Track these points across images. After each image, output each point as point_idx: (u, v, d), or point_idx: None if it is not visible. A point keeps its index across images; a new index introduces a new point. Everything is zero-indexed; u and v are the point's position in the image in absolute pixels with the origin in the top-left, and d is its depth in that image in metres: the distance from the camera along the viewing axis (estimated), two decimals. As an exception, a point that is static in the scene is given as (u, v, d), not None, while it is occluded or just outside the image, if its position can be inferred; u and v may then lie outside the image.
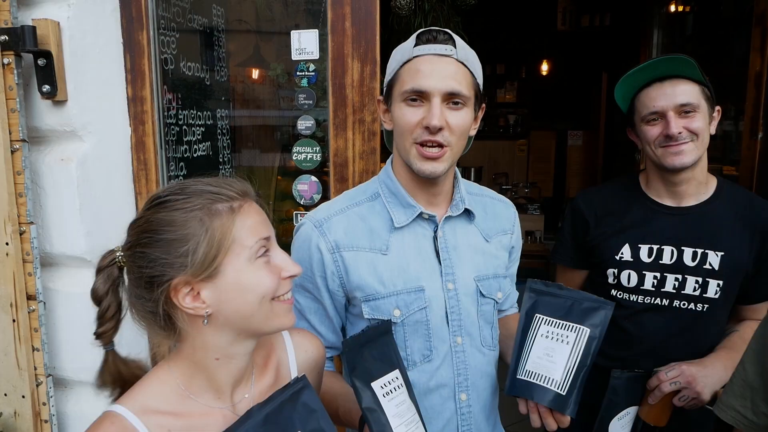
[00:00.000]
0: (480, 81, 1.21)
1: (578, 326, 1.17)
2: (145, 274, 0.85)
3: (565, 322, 1.19)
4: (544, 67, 7.05)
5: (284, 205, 1.96)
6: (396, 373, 1.08)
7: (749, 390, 1.06)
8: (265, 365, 1.00)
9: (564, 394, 1.13)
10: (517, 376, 1.18)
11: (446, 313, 1.21)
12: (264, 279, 0.87)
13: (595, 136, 6.68)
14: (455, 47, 1.15)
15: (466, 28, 6.24)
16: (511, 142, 7.48)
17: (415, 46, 1.16)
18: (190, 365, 0.90)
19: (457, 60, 1.14)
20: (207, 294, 0.85)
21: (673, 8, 3.87)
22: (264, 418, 0.84)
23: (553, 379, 1.15)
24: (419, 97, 1.14)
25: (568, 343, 1.17)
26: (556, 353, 1.17)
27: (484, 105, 1.25)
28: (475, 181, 6.62)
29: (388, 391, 1.04)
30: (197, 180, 0.89)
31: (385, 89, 1.24)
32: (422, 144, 1.15)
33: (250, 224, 0.87)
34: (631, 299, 1.54)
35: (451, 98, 1.14)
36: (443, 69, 1.13)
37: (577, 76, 6.77)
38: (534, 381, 1.16)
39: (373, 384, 1.03)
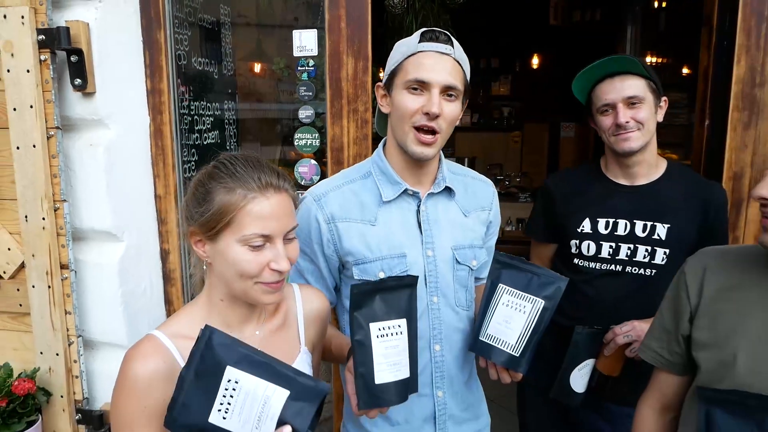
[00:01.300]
0: (468, 78, 1.37)
1: (535, 298, 1.30)
2: (185, 208, 1.08)
3: (524, 293, 1.31)
4: (538, 61, 7.24)
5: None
6: (401, 321, 1.20)
7: (665, 333, 1.25)
8: (275, 310, 1.20)
9: (517, 356, 1.29)
10: (480, 338, 1.34)
11: (425, 276, 1.37)
12: (244, 263, 1.02)
13: (586, 128, 6.86)
14: (453, 47, 1.31)
15: (461, 24, 6.42)
16: (505, 134, 7.67)
17: (419, 42, 1.30)
18: (208, 304, 1.11)
19: (454, 59, 1.30)
20: (208, 248, 1.07)
21: (649, 6, 4.04)
22: (194, 374, 0.95)
23: (509, 343, 1.29)
24: (420, 86, 1.29)
25: (524, 312, 1.30)
26: (513, 320, 1.30)
27: (467, 100, 1.41)
28: (468, 170, 6.74)
29: (384, 334, 1.17)
30: (248, 161, 1.06)
31: (386, 77, 1.37)
32: (419, 129, 1.30)
33: (257, 215, 1.02)
34: (590, 266, 1.75)
35: (447, 91, 1.29)
36: (443, 65, 1.29)
37: (569, 70, 6.90)
38: (493, 344, 1.32)
39: (371, 324, 1.17)
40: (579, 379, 1.65)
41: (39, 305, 1.86)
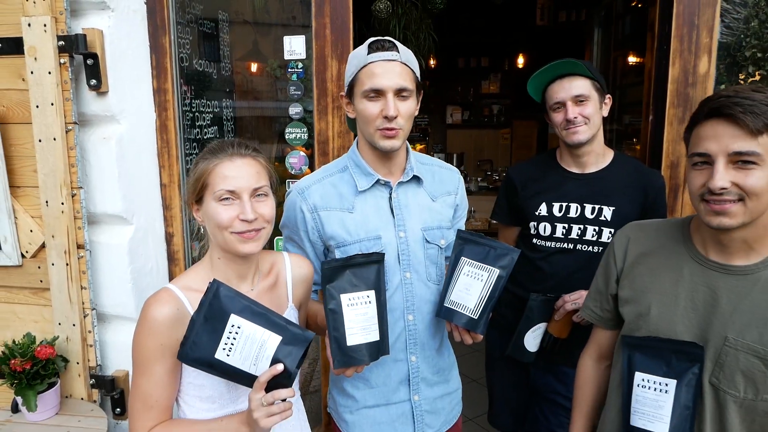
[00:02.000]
0: (418, 74, 1.52)
1: (491, 268, 1.47)
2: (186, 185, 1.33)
3: (482, 264, 1.48)
4: (526, 60, 7.48)
5: (281, 189, 2.37)
6: (370, 292, 1.37)
7: (599, 294, 1.48)
8: (269, 272, 1.43)
9: (476, 318, 1.46)
10: (444, 304, 1.51)
11: (398, 254, 1.53)
12: (218, 215, 1.24)
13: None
14: (398, 52, 1.45)
15: (451, 24, 6.65)
16: (495, 131, 7.93)
17: (368, 54, 1.45)
18: (210, 263, 1.34)
19: (401, 62, 1.45)
20: (200, 213, 1.30)
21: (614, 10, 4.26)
22: (203, 318, 1.18)
23: (468, 307, 1.47)
24: (376, 93, 1.44)
25: (481, 280, 1.47)
26: (472, 288, 1.47)
27: (422, 91, 1.55)
28: (457, 165, 7.00)
29: (354, 303, 1.35)
30: (226, 141, 1.31)
31: (346, 88, 1.54)
32: (383, 129, 1.45)
33: (223, 176, 1.23)
34: (546, 245, 1.98)
35: (400, 92, 1.45)
36: (392, 71, 1.43)
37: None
38: (455, 308, 1.48)
39: (342, 295, 1.35)
40: (532, 340, 1.88)
41: (58, 281, 2.08)
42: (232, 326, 1.19)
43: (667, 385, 1.26)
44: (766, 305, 1.19)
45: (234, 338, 1.19)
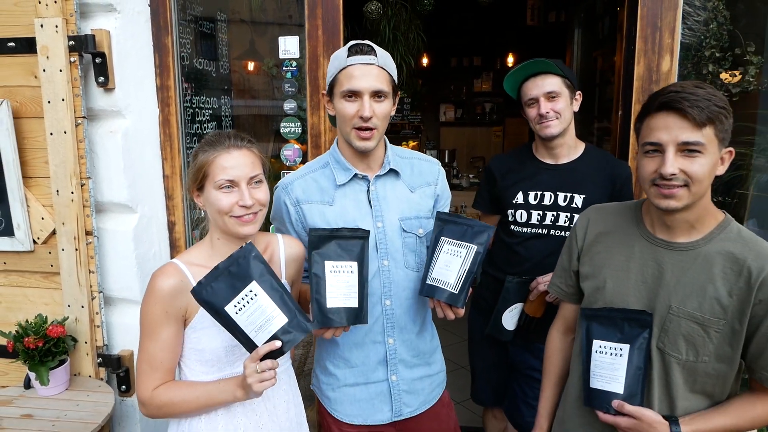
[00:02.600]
0: (395, 77, 1.60)
1: (469, 244, 1.54)
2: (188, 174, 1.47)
3: (461, 242, 1.54)
4: (517, 59, 7.64)
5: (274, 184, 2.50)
6: (353, 263, 1.45)
7: (564, 271, 1.62)
8: (263, 251, 1.55)
9: (456, 292, 1.52)
10: (427, 282, 1.57)
11: (376, 243, 1.62)
12: (219, 202, 1.36)
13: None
14: (376, 56, 1.52)
15: (440, 25, 6.78)
16: (487, 129, 8.08)
17: (348, 57, 1.52)
18: (210, 242, 1.48)
19: (378, 66, 1.53)
20: (201, 199, 1.44)
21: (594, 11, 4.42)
22: (227, 271, 1.28)
23: (449, 283, 1.52)
24: (354, 95, 1.52)
25: (460, 256, 1.53)
26: (452, 264, 1.53)
27: (398, 93, 1.64)
28: (449, 161, 7.08)
29: (337, 271, 1.44)
30: (221, 133, 1.45)
31: (327, 87, 1.62)
32: (359, 129, 1.54)
33: (223, 166, 1.35)
34: (522, 231, 2.13)
35: (377, 94, 1.53)
36: (369, 73, 1.51)
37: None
38: (437, 285, 1.54)
39: (326, 262, 1.44)
40: (509, 319, 2.04)
41: (68, 265, 2.23)
42: (250, 291, 1.29)
43: (621, 349, 1.39)
44: (704, 277, 1.33)
45: (247, 302, 1.29)
